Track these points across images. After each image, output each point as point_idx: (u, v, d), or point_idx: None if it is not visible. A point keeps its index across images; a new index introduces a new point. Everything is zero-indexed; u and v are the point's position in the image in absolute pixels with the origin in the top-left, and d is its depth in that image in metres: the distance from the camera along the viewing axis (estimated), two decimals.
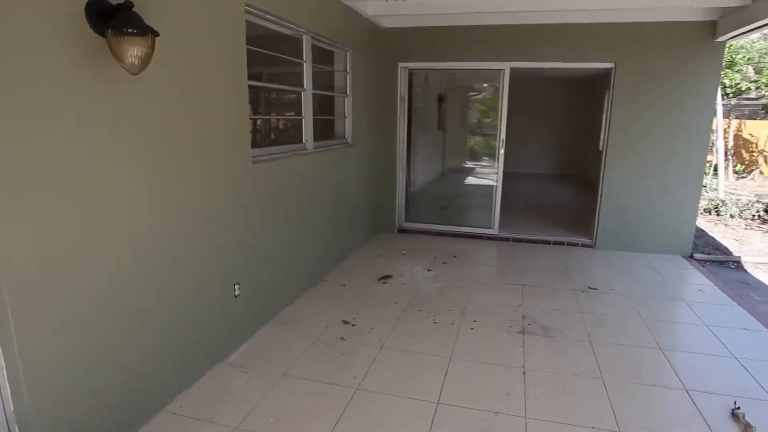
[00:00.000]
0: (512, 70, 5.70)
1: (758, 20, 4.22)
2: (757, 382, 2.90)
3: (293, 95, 4.44)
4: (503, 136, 5.99)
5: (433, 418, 2.46)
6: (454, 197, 8.62)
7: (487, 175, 8.23)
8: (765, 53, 10.95)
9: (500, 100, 5.88)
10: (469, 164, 9.79)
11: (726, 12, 4.71)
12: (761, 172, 13.06)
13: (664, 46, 5.07)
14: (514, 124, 6.16)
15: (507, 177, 6.41)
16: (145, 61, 1.99)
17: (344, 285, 4.42)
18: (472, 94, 10.19)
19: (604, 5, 4.75)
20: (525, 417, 2.50)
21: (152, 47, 1.99)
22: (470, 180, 9.36)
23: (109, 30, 1.89)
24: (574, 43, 5.32)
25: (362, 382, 2.78)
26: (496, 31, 5.51)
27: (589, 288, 4.42)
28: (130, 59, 1.93)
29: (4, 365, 1.69)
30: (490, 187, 6.29)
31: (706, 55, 5.02)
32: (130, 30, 1.90)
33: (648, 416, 2.54)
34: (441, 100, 9.11)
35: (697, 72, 5.07)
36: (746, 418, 2.50)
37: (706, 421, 2.50)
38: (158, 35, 1.99)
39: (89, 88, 1.95)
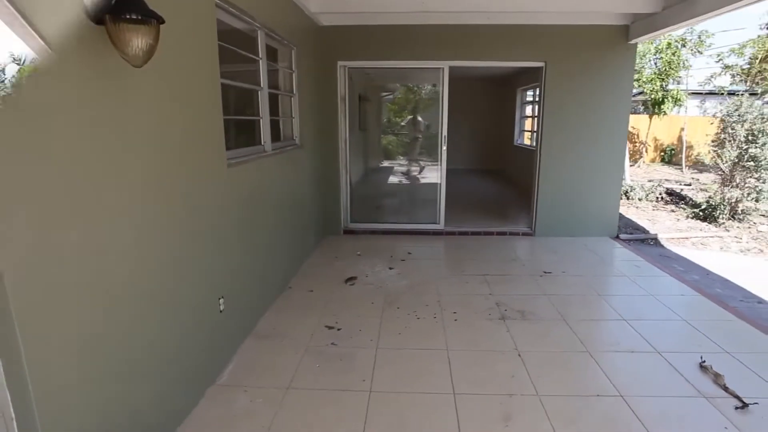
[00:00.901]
0: (444, 68, 5.92)
1: (667, 26, 4.82)
2: (709, 338, 3.31)
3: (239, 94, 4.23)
4: (445, 133, 6.21)
5: (456, 409, 2.50)
6: (386, 196, 8.72)
7: (413, 173, 8.48)
8: (642, 55, 12.44)
9: (440, 98, 6.08)
10: (386, 163, 9.96)
11: (637, 18, 5.31)
12: (645, 161, 14.85)
13: (587, 47, 5.59)
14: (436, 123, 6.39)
15: (431, 173, 6.66)
16: (150, 51, 1.79)
17: (312, 290, 4.29)
18: (385, 94, 10.36)
19: (536, 8, 5.13)
20: (537, 395, 2.63)
21: (157, 37, 1.80)
22: (393, 179, 9.51)
23: (108, 16, 1.67)
24: (508, 43, 5.67)
25: (373, 385, 2.74)
26: (435, 31, 5.68)
27: (544, 272, 4.74)
28: (134, 50, 1.72)
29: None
30: (418, 184, 6.45)
31: (621, 55, 5.62)
32: (132, 16, 1.68)
33: (638, 379, 2.81)
34: (361, 100, 9.16)
35: (614, 70, 5.66)
36: (714, 369, 2.85)
37: (683, 376, 2.82)
38: (163, 22, 1.80)
39: (79, 83, 1.69)
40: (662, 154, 15.65)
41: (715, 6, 4.05)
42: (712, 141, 7.70)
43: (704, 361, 2.95)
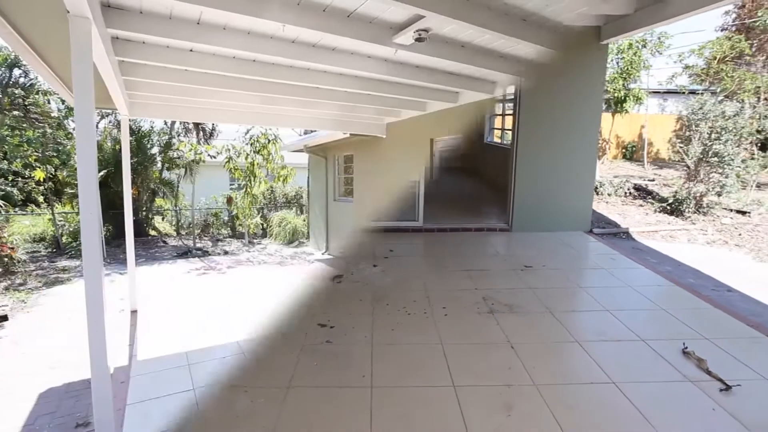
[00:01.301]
0: None
1: (639, 27, 5.00)
2: (687, 325, 3.47)
3: None
4: None
5: (458, 401, 2.53)
6: None
7: None
8: None
9: None
10: None
11: (609, 19, 5.48)
12: (608, 158, 15.37)
13: (562, 48, 5.72)
14: None
15: None
16: None
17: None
18: None
19: None
20: (534, 384, 2.69)
21: None
22: None
23: None
24: None
25: (373, 380, 2.74)
26: None
27: (525, 266, 4.84)
28: None
29: None
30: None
31: (593, 55, 5.80)
32: None
33: (627, 366, 2.92)
34: None
35: (587, 70, 5.85)
36: (696, 354, 2.99)
37: (668, 362, 2.95)
38: None
39: None
40: (624, 150, 16.20)
41: (686, 8, 4.24)
42: (677, 137, 8.04)
43: (686, 348, 3.09)
